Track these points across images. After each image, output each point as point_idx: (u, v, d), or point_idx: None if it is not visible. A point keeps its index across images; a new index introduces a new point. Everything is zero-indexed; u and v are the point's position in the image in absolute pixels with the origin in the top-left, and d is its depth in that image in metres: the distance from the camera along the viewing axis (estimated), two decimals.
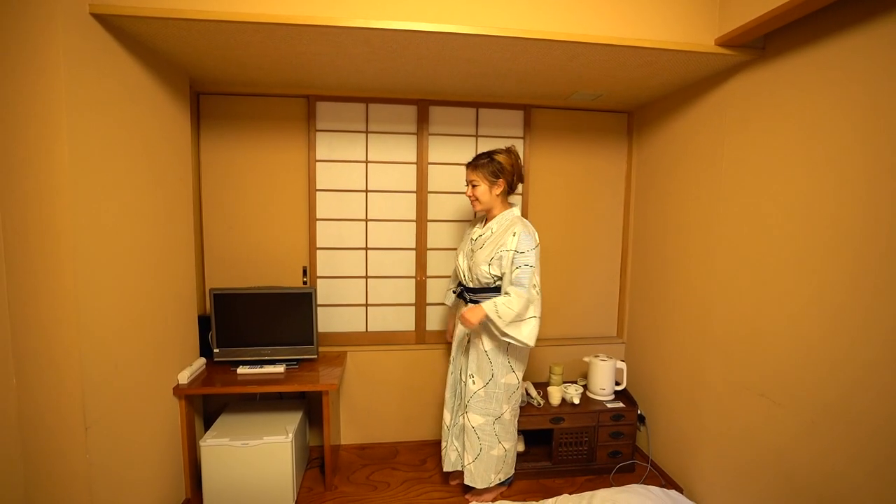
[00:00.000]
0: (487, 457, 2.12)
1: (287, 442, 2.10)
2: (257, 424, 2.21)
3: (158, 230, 1.95)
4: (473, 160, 2.05)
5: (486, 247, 2.03)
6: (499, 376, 2.07)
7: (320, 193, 2.57)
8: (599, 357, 2.56)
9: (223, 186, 2.50)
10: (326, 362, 2.45)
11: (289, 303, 2.36)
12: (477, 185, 2.04)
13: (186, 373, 2.14)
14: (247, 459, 2.08)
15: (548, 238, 2.77)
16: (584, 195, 2.78)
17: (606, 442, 2.45)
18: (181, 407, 2.14)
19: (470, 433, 2.12)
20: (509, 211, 2.08)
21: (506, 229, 2.00)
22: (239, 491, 2.10)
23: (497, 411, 2.09)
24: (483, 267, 2.01)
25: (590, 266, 2.83)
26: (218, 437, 2.10)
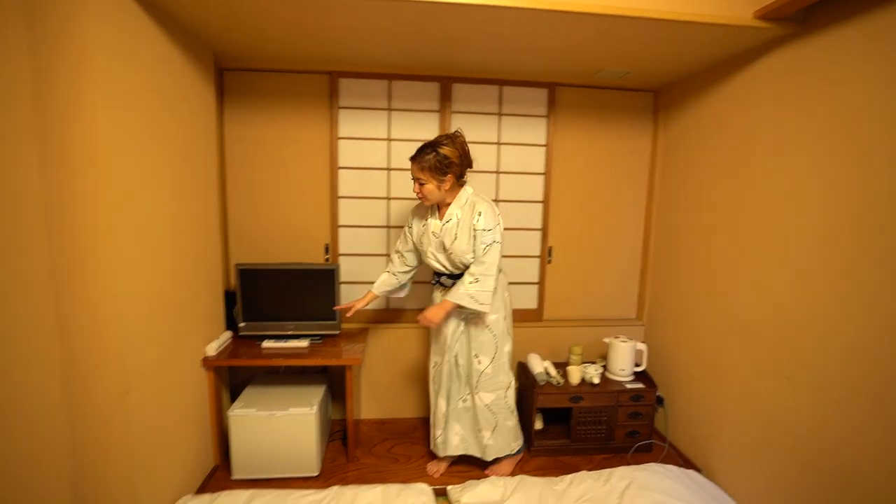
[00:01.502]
0: (504, 428, 2.17)
1: (312, 413, 2.15)
2: (282, 396, 2.27)
3: (187, 204, 1.98)
4: (417, 155, 1.95)
5: (461, 235, 1.99)
6: (503, 346, 2.11)
7: (342, 171, 2.58)
8: (620, 338, 2.57)
9: (246, 163, 2.53)
10: (348, 338, 2.50)
11: (312, 279, 2.40)
12: (424, 183, 1.96)
13: (214, 345, 2.20)
14: (273, 429, 2.14)
15: (569, 218, 2.76)
16: (607, 175, 2.76)
17: (625, 422, 2.48)
18: (209, 378, 2.21)
19: (483, 411, 2.15)
20: (463, 192, 2.03)
21: (470, 211, 1.99)
22: (265, 459, 2.16)
23: (504, 382, 2.14)
24: (468, 256, 2.01)
25: (610, 247, 2.82)
26: (245, 407, 2.16)
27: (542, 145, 2.68)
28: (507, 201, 2.71)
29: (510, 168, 2.69)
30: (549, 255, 2.78)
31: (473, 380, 2.13)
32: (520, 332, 2.73)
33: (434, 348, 2.27)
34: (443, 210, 2.08)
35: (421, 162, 1.95)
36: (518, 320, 2.69)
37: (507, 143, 2.66)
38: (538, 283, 2.80)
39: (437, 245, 2.08)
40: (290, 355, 2.24)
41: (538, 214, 2.74)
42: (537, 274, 2.79)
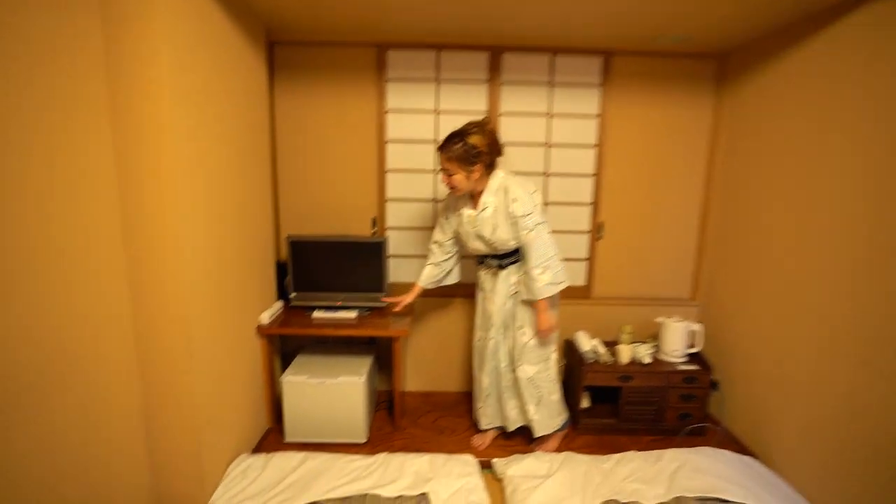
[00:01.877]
0: (549, 402, 2.16)
1: (360, 382, 2.20)
2: (332, 365, 2.33)
3: (242, 176, 2.03)
4: (444, 144, 1.92)
5: (501, 224, 1.97)
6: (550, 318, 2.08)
7: (390, 144, 2.58)
8: (673, 318, 2.49)
9: (296, 137, 2.56)
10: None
11: (361, 252, 2.43)
12: (453, 174, 1.93)
13: (267, 314, 2.27)
14: (323, 396, 2.21)
15: (621, 193, 2.67)
16: (663, 148, 2.64)
17: (676, 404, 2.41)
18: (262, 345, 2.29)
19: (526, 385, 2.14)
20: (494, 178, 1.98)
21: (504, 197, 1.95)
22: (315, 424, 2.24)
23: (546, 354, 2.12)
24: (511, 243, 2.02)
25: (664, 224, 2.71)
26: (297, 374, 2.24)
27: (594, 116, 2.59)
28: (557, 175, 2.64)
29: (561, 140, 2.61)
30: (599, 230, 2.70)
31: (516, 351, 2.12)
32: (567, 309, 2.69)
33: (479, 322, 2.27)
34: (476, 199, 2.05)
35: (448, 152, 1.91)
36: (565, 297, 2.64)
37: (559, 114, 2.58)
38: (587, 260, 2.74)
39: (474, 235, 2.07)
40: (339, 326, 2.28)
41: (589, 189, 2.67)
42: (586, 250, 2.73)
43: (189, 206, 1.63)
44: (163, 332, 1.65)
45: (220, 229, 1.86)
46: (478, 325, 2.27)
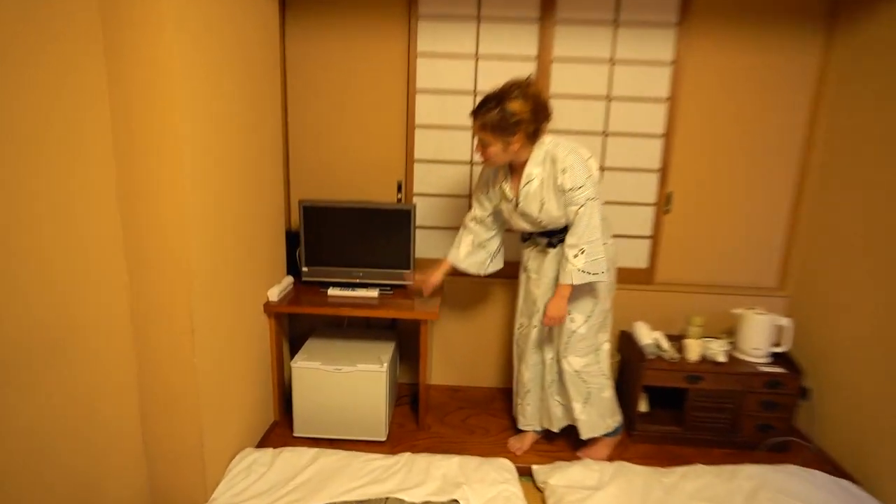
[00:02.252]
0: (598, 400, 2.09)
1: (382, 371, 2.15)
2: (348, 351, 2.28)
3: (250, 133, 1.97)
4: (479, 110, 1.82)
5: (549, 200, 1.88)
6: (603, 301, 2.02)
7: (421, 95, 2.47)
8: (755, 311, 2.33)
9: (310, 86, 2.47)
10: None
11: (385, 221, 2.35)
12: (488, 145, 1.84)
13: (276, 290, 2.21)
14: (338, 386, 2.16)
15: (696, 157, 2.50)
16: (751, 104, 2.44)
17: (755, 412, 2.27)
18: (270, 325, 2.24)
19: (572, 379, 2.06)
20: (539, 148, 1.88)
21: (552, 167, 1.86)
22: (329, 417, 2.19)
23: (596, 344, 2.05)
24: (563, 221, 1.93)
25: (748, 195, 2.54)
26: (309, 359, 2.19)
27: (667, 63, 2.40)
28: (618, 135, 2.48)
29: (625, 93, 2.44)
30: (667, 202, 2.54)
31: (563, 340, 2.04)
32: (624, 295, 2.55)
33: (521, 308, 2.19)
34: (517, 171, 1.95)
35: (482, 119, 1.81)
36: (623, 281, 2.51)
37: (624, 60, 2.41)
38: (651, 238, 2.59)
39: (519, 213, 1.97)
40: (358, 305, 2.23)
41: (657, 152, 2.50)
42: (650, 226, 2.58)
43: (194, 162, 1.58)
44: (162, 306, 1.62)
45: (228, 190, 1.81)
46: (520, 310, 2.19)
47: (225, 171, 1.78)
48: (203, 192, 1.64)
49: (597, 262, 1.85)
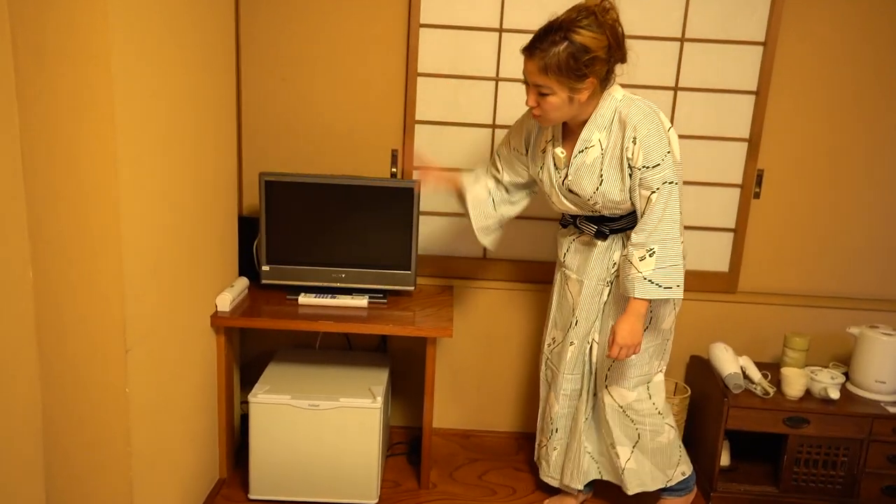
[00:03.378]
0: (654, 445, 2.11)
1: (375, 408, 2.16)
2: (325, 380, 2.29)
3: (193, 81, 1.94)
4: (536, 45, 1.79)
5: (609, 176, 1.89)
6: (659, 320, 2.02)
7: (427, 31, 2.47)
8: (880, 329, 2.38)
9: (271, 16, 2.47)
10: (426, 298, 2.49)
11: (377, 203, 2.37)
12: (548, 94, 1.82)
13: (227, 297, 2.22)
14: (314, 428, 2.16)
15: (798, 124, 2.55)
16: (871, 51, 2.48)
17: (881, 468, 2.32)
18: (219, 344, 2.24)
19: (617, 417, 2.09)
20: (606, 102, 1.90)
21: (621, 134, 1.87)
22: (299, 472, 2.19)
23: (649, 374, 2.07)
24: (623, 206, 1.95)
25: (864, 176, 2.60)
26: (272, 392, 2.19)
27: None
28: (692, 90, 2.52)
29: (702, 33, 2.46)
30: (757, 184, 2.57)
31: (604, 367, 2.07)
32: (695, 307, 2.60)
33: (555, 317, 2.21)
34: (573, 132, 1.96)
35: (544, 58, 1.77)
36: (695, 289, 2.55)
37: None
38: (733, 231, 2.63)
39: (563, 188, 1.99)
40: (339, 318, 2.24)
41: (745, 115, 2.53)
42: (733, 215, 2.62)
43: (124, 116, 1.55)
44: (83, 314, 1.59)
45: (167, 155, 1.79)
46: (552, 321, 2.22)
47: (162, 129, 1.76)
48: (135, 154, 1.62)
49: (672, 272, 1.84)
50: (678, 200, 1.84)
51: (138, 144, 1.62)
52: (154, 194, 1.72)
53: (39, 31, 1.45)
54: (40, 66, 1.47)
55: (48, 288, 1.58)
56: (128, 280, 1.59)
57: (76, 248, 1.55)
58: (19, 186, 1.52)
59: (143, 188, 1.66)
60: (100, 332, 1.59)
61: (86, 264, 1.56)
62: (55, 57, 1.46)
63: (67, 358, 1.61)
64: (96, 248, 1.55)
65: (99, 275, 1.56)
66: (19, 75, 1.47)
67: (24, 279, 1.56)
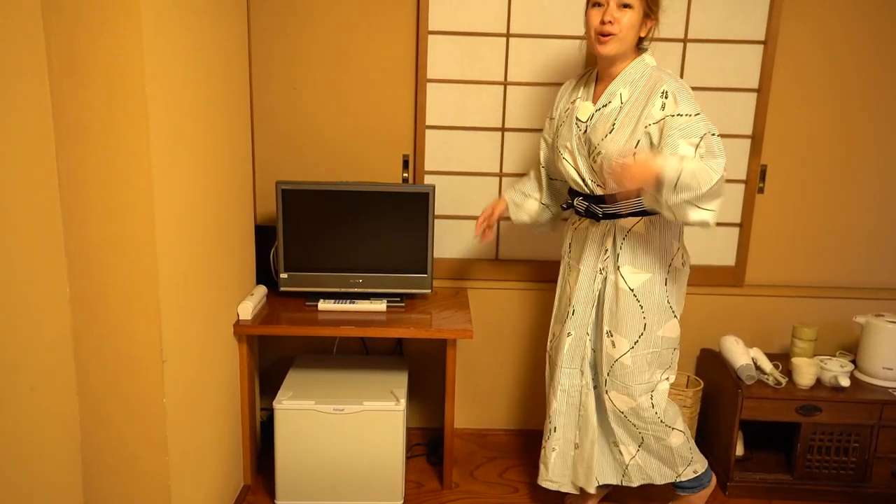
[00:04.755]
0: (661, 447, 2.07)
1: (399, 410, 2.17)
2: (346, 385, 2.30)
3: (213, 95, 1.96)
4: None
5: (622, 127, 1.88)
6: (654, 326, 1.97)
7: (435, 38, 2.49)
8: (886, 317, 2.41)
9: (283, 25, 2.47)
10: (441, 301, 2.50)
11: (393, 208, 2.39)
12: (630, 7, 1.83)
13: (249, 305, 2.22)
14: (339, 432, 2.17)
15: (800, 119, 2.59)
16: (870, 48, 2.52)
17: (891, 452, 2.34)
18: (241, 352, 2.25)
19: (620, 421, 2.06)
20: (640, 60, 1.93)
21: (649, 90, 1.86)
22: (325, 476, 2.20)
23: (650, 383, 2.01)
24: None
25: (865, 168, 2.63)
26: (296, 398, 2.19)
27: None
28: (696, 88, 2.47)
29: (704, 33, 2.50)
30: (761, 178, 2.61)
31: (603, 369, 2.04)
32: (705, 301, 2.63)
33: (556, 311, 2.19)
34: (602, 86, 1.98)
35: None
36: (701, 283, 2.57)
37: None
38: (739, 226, 2.66)
39: (579, 142, 1.98)
40: (360, 323, 2.25)
41: (748, 112, 2.57)
42: (738, 210, 2.65)
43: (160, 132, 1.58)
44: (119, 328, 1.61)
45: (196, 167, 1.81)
46: (554, 315, 2.20)
47: (189, 143, 1.78)
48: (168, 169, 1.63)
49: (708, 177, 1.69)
50: (723, 149, 1.76)
51: (170, 159, 1.63)
52: (184, 207, 1.74)
53: (76, 54, 1.47)
54: (77, 86, 1.49)
55: (85, 303, 1.60)
56: (163, 292, 1.60)
57: (112, 263, 1.57)
58: (56, 204, 1.53)
59: (175, 202, 1.68)
60: (137, 345, 1.60)
61: (122, 278, 1.57)
62: (91, 79, 1.49)
63: (104, 372, 1.62)
64: (132, 261, 1.57)
65: (135, 288, 1.58)
66: (55, 96, 1.49)
67: (62, 295, 1.57)
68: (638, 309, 1.96)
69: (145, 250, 1.56)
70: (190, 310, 1.80)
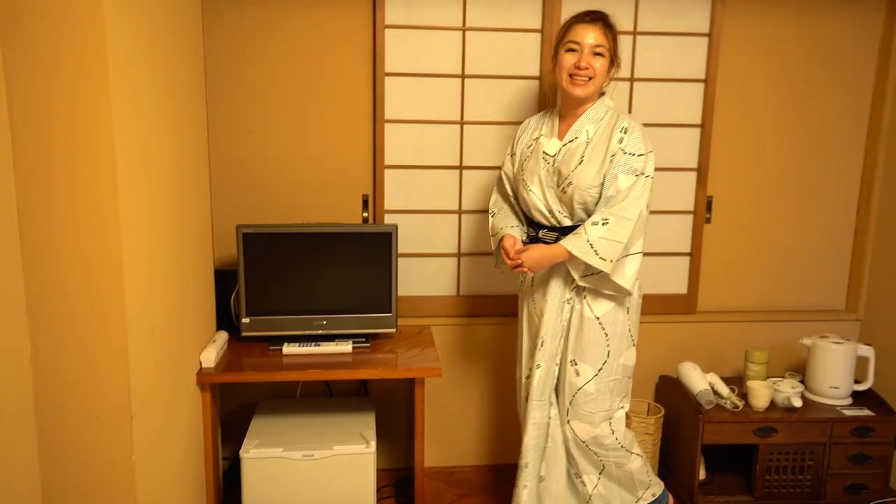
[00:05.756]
0: (621, 473, 2.12)
1: (369, 453, 2.15)
2: (313, 430, 2.26)
3: (174, 141, 1.94)
4: (598, 16, 2.00)
5: (590, 159, 1.98)
6: (616, 353, 2.04)
7: (392, 79, 2.51)
8: (830, 339, 2.50)
9: (239, 69, 2.46)
10: (406, 340, 2.48)
11: (356, 248, 2.38)
12: (602, 55, 1.99)
13: (212, 352, 2.16)
14: (309, 479, 2.14)
15: (740, 152, 2.70)
16: (805, 84, 2.67)
17: (842, 469, 2.42)
18: (204, 402, 2.18)
19: (581, 451, 2.09)
20: (601, 101, 2.08)
21: (611, 127, 2.01)
22: None
23: (611, 409, 2.06)
24: (592, 192, 1.97)
25: (802, 197, 2.75)
26: (263, 445, 2.14)
27: (701, 35, 2.59)
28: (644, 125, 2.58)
29: (650, 73, 2.60)
30: (707, 209, 2.70)
31: (566, 398, 2.07)
32: (661, 329, 2.68)
33: (525, 347, 2.19)
34: (568, 124, 2.07)
35: (608, 25, 2.00)
36: (657, 311, 2.63)
37: (648, 32, 2.57)
38: (689, 255, 2.74)
39: (547, 174, 2.05)
40: (326, 366, 2.22)
41: (692, 146, 2.67)
42: (688, 240, 2.73)
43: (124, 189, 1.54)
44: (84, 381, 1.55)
45: (157, 221, 1.78)
46: (525, 350, 2.19)
47: (153, 191, 1.75)
48: (134, 218, 1.59)
49: (613, 247, 1.89)
50: (647, 195, 1.95)
51: (136, 208, 1.59)
52: (150, 256, 1.70)
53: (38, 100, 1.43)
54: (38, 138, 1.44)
55: (48, 361, 1.52)
56: (131, 344, 1.55)
57: (78, 317, 1.52)
58: (17, 258, 1.47)
59: (142, 252, 1.64)
60: (105, 401, 1.54)
61: (88, 332, 1.52)
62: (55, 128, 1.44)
63: (69, 432, 1.55)
64: (99, 313, 1.52)
65: (103, 342, 1.53)
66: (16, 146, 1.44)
67: (22, 353, 1.49)
68: (603, 337, 2.01)
69: (113, 302, 1.51)
70: (157, 361, 1.75)
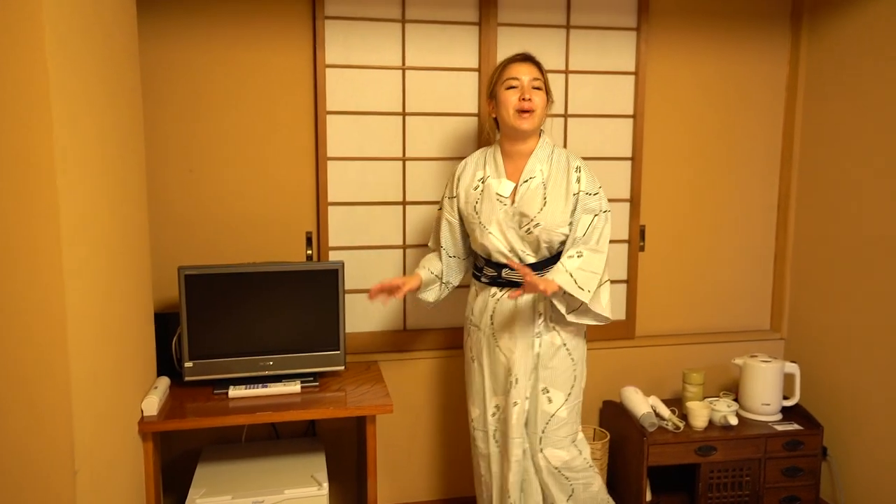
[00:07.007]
0: (587, 495, 2.18)
1: (322, 495, 2.10)
2: (263, 475, 2.19)
3: (110, 176, 1.88)
4: (528, 57, 2.13)
5: (553, 199, 2.06)
6: (580, 377, 2.17)
7: (333, 118, 2.52)
8: (759, 358, 2.60)
9: (178, 108, 2.42)
10: (354, 377, 2.45)
11: (300, 287, 2.35)
12: (540, 89, 2.09)
13: (154, 400, 2.07)
14: None
15: (669, 182, 2.81)
16: (724, 116, 2.82)
17: (777, 482, 2.51)
18: (146, 452, 2.08)
19: (554, 479, 2.13)
20: (544, 139, 2.16)
21: (564, 168, 2.10)
22: None
23: (575, 432, 2.17)
24: (561, 230, 2.05)
25: (726, 223, 2.88)
26: (211, 494, 2.06)
27: (629, 73, 2.70)
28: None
29: (583, 108, 2.70)
30: (641, 237, 2.80)
31: (538, 427, 2.10)
32: (601, 355, 2.72)
33: (489, 385, 2.18)
34: (515, 163, 2.11)
35: (538, 64, 2.11)
36: (598, 337, 2.67)
37: (579, 70, 2.67)
38: (626, 282, 2.82)
39: (506, 216, 2.07)
40: (274, 407, 2.17)
41: (625, 178, 2.77)
42: (624, 267, 2.82)
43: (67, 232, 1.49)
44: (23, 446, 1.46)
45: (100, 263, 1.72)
46: (488, 388, 2.18)
47: (96, 233, 1.69)
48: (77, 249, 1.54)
49: (591, 278, 1.99)
50: (609, 227, 2.09)
51: (77, 253, 1.53)
52: (93, 304, 1.64)
53: None
54: None
55: None
56: (75, 395, 1.48)
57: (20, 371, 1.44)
58: None
59: (86, 299, 1.58)
60: (48, 457, 1.46)
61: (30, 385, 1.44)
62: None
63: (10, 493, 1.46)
64: (41, 364, 1.44)
65: (45, 394, 1.45)
66: None
67: None
68: (570, 362, 2.10)
69: (56, 353, 1.44)
70: (99, 411, 1.66)
